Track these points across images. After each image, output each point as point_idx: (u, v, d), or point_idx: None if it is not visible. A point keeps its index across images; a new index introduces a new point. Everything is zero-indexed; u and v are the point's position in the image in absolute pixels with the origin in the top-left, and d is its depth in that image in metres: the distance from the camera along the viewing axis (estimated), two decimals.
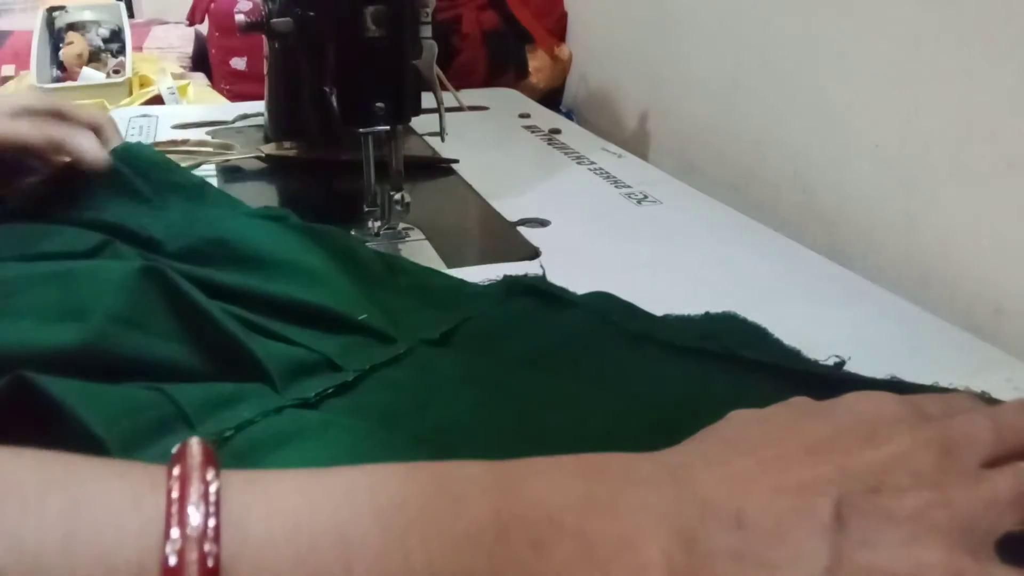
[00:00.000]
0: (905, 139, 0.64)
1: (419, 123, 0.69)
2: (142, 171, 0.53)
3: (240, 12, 1.21)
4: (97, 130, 0.53)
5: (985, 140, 0.57)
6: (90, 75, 1.34)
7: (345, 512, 0.22)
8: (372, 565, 0.22)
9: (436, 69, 0.61)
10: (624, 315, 0.47)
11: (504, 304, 0.50)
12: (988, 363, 0.47)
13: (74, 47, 1.38)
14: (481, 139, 0.90)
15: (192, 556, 0.20)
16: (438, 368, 0.43)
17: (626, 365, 0.44)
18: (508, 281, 0.51)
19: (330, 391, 0.39)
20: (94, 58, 1.40)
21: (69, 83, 1.33)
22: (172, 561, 0.20)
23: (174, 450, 0.23)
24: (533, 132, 0.94)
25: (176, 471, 0.22)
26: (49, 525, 0.20)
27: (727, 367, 0.43)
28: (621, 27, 1.11)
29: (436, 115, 0.63)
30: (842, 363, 0.44)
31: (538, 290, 0.50)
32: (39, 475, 0.21)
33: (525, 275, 0.52)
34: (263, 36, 0.64)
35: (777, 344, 0.45)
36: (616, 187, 0.75)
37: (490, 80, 1.20)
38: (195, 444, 0.23)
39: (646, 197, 0.72)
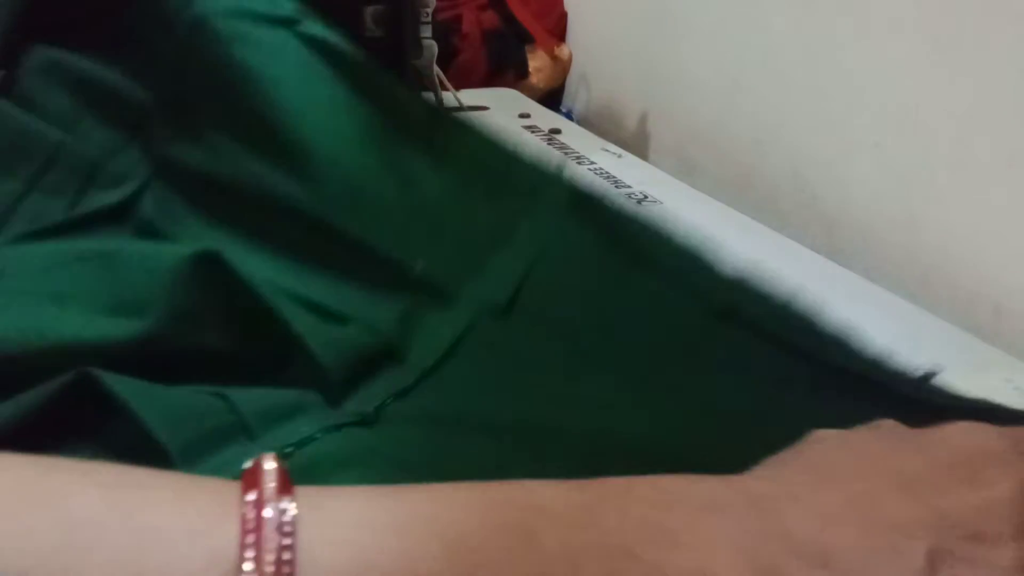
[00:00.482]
0: (905, 139, 0.64)
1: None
2: None
3: None
4: None
5: (985, 139, 0.57)
6: None
7: (413, 548, 0.21)
8: None
9: (436, 69, 0.61)
10: (708, 275, 0.42)
11: (565, 234, 0.45)
12: (988, 363, 0.47)
13: None
14: None
15: None
16: (500, 355, 0.40)
17: (705, 351, 0.40)
18: (571, 191, 0.46)
19: (389, 401, 0.37)
20: None
21: None
22: None
23: (247, 465, 0.22)
24: (533, 132, 0.93)
25: (251, 497, 0.21)
26: (117, 562, 0.19)
27: (810, 367, 0.38)
28: (621, 27, 1.11)
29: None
30: (932, 374, 0.39)
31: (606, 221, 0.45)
32: (109, 508, 0.20)
33: (594, 193, 0.47)
34: None
35: (863, 349, 0.40)
36: (616, 187, 0.75)
37: (490, 80, 1.20)
38: (269, 465, 0.22)
39: (646, 197, 0.72)
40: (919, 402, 0.32)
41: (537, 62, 1.22)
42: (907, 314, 0.53)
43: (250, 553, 0.19)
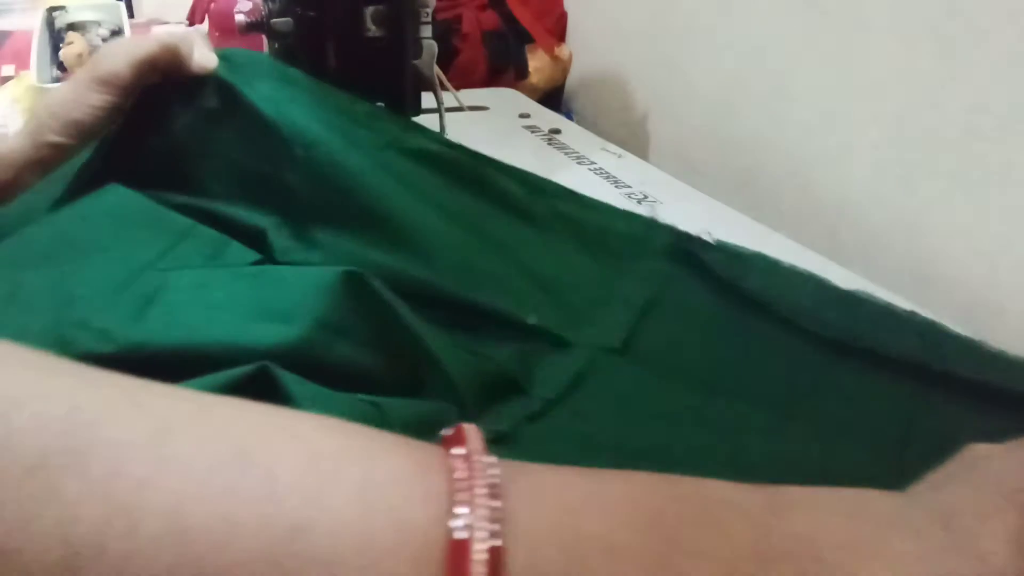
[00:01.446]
0: (905, 139, 0.64)
1: (419, 123, 0.69)
2: (247, 77, 0.49)
3: (240, 12, 1.21)
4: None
5: (985, 140, 0.57)
6: None
7: (610, 520, 0.22)
8: None
9: (436, 69, 0.61)
10: (817, 314, 0.43)
11: (672, 281, 0.47)
12: None
13: (74, 47, 1.38)
14: (481, 139, 0.89)
15: (480, 534, 0.20)
16: (622, 387, 0.41)
17: (825, 384, 0.40)
18: (673, 240, 0.48)
19: (522, 423, 0.39)
20: None
21: None
22: (461, 535, 0.20)
23: (448, 432, 0.23)
24: (533, 132, 0.93)
25: (459, 451, 0.22)
26: (350, 491, 0.20)
27: (941, 386, 0.38)
28: (621, 27, 1.11)
29: (436, 115, 0.63)
30: None
31: (706, 268, 0.47)
32: (341, 447, 0.22)
33: (695, 237, 0.49)
34: (263, 36, 0.64)
35: (990, 360, 0.40)
36: (616, 187, 0.75)
37: (490, 80, 1.20)
38: (472, 428, 0.23)
39: (646, 197, 0.72)
40: None
41: (537, 62, 1.22)
42: None
43: (464, 499, 0.21)
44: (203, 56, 0.48)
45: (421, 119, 0.62)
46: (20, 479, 0.18)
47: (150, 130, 0.48)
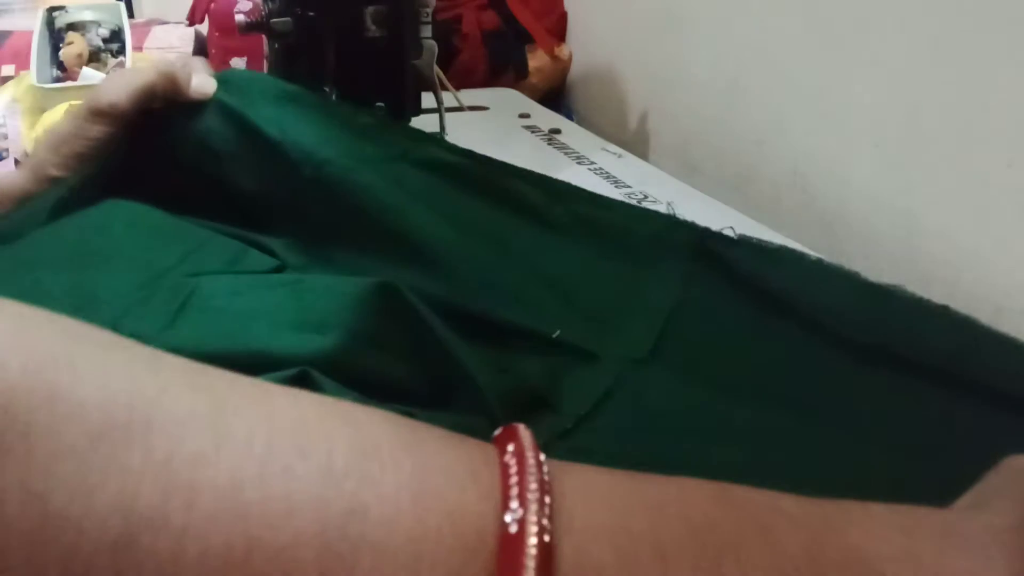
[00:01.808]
0: (905, 139, 0.64)
1: (419, 123, 0.69)
2: (250, 101, 0.48)
3: (240, 12, 1.21)
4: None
5: (985, 140, 0.57)
6: (90, 75, 1.34)
7: (660, 522, 0.22)
8: None
9: (436, 69, 0.61)
10: (846, 313, 0.41)
11: (696, 281, 0.46)
12: None
13: (74, 47, 1.38)
14: (481, 139, 0.89)
15: (532, 529, 0.20)
16: (652, 400, 0.41)
17: (857, 389, 0.39)
18: (695, 238, 0.47)
19: (552, 440, 0.38)
20: (94, 58, 1.40)
21: (69, 83, 1.33)
22: (513, 529, 0.20)
23: (498, 431, 0.24)
24: (533, 132, 0.93)
25: (511, 448, 0.22)
26: (405, 480, 0.20)
27: (978, 390, 0.37)
28: (621, 27, 1.11)
29: (436, 115, 0.63)
30: None
31: (731, 269, 0.45)
32: (395, 437, 0.22)
33: (718, 233, 0.48)
34: (263, 36, 0.64)
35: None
36: (616, 187, 0.75)
37: (490, 80, 1.20)
38: (523, 428, 0.23)
39: (646, 197, 0.72)
40: None
41: (537, 62, 1.22)
42: None
43: (515, 493, 0.21)
44: (202, 82, 0.48)
45: (421, 119, 0.62)
46: (85, 449, 0.18)
47: (152, 157, 0.47)
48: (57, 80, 1.36)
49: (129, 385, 0.20)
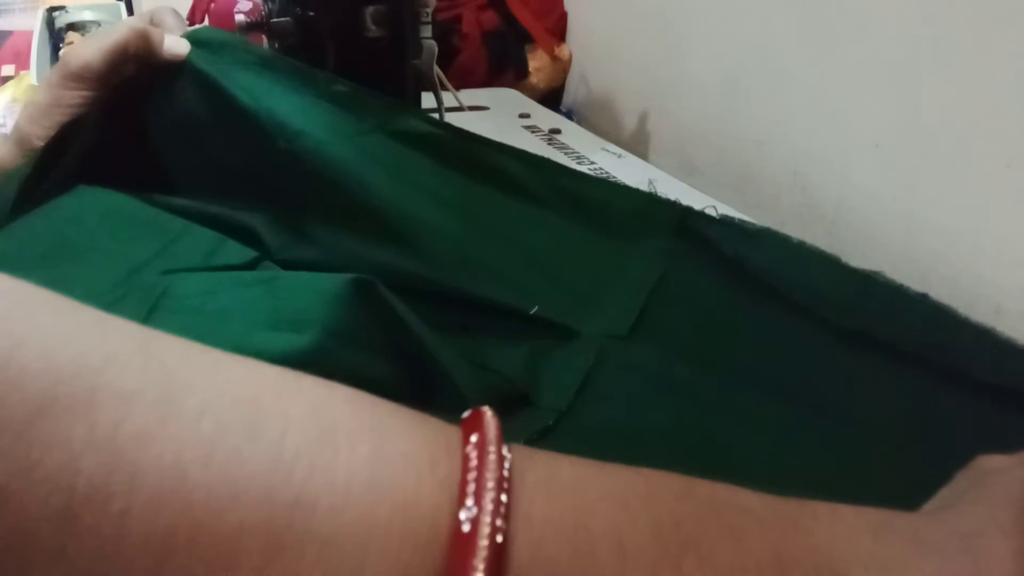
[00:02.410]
0: (905, 139, 0.64)
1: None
2: (218, 59, 0.47)
3: (240, 12, 1.21)
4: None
5: (985, 140, 0.57)
6: None
7: (622, 519, 0.21)
8: None
9: (436, 69, 0.61)
10: (826, 296, 0.41)
11: (678, 259, 0.45)
12: None
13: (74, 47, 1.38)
14: None
15: (485, 530, 0.19)
16: (632, 384, 0.40)
17: (835, 373, 0.39)
18: (678, 216, 0.47)
19: (534, 438, 0.38)
20: None
21: None
22: (466, 528, 0.19)
23: (466, 414, 0.23)
24: (533, 132, 0.93)
25: (474, 439, 0.22)
26: (358, 467, 0.20)
27: (953, 385, 0.37)
28: (621, 27, 1.11)
29: (436, 115, 0.63)
30: None
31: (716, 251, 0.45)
32: (354, 418, 0.21)
33: (700, 212, 0.47)
34: (263, 36, 0.64)
35: (1006, 349, 0.37)
36: None
37: (490, 80, 1.20)
38: (489, 414, 0.22)
39: None
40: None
41: (537, 62, 1.22)
42: None
43: (472, 491, 0.20)
44: (174, 43, 0.47)
45: None
46: (27, 422, 0.17)
47: (128, 133, 0.46)
48: None
49: (74, 353, 0.19)
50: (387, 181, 0.46)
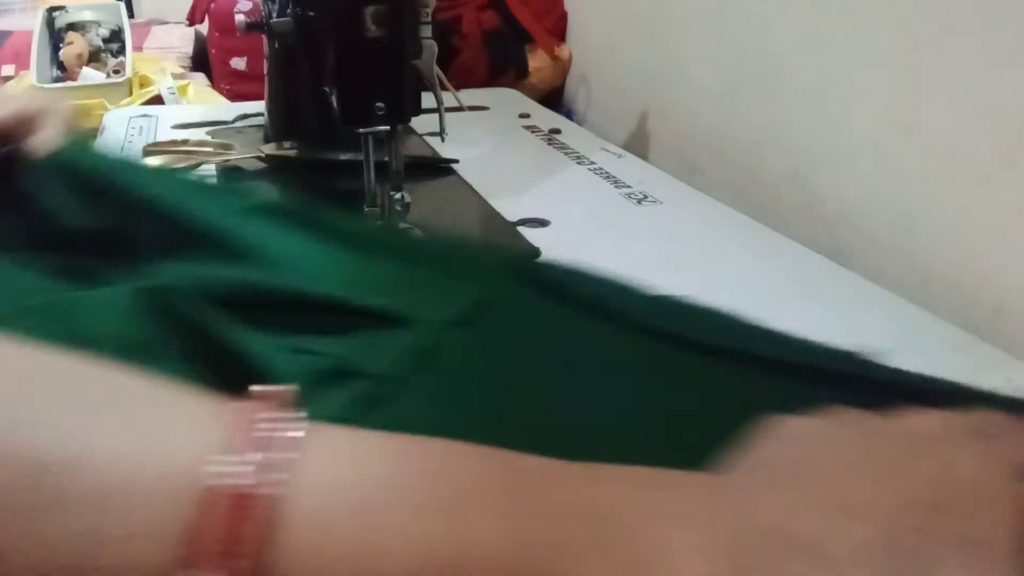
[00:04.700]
0: (905, 139, 0.64)
1: (419, 123, 0.69)
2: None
3: (240, 12, 1.21)
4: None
5: (985, 140, 0.57)
6: (90, 75, 1.34)
7: (405, 475, 0.23)
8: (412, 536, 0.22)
9: (436, 69, 0.61)
10: (637, 310, 0.44)
11: (508, 289, 0.47)
12: (987, 363, 0.47)
13: (74, 47, 1.38)
14: (481, 139, 0.90)
15: (244, 482, 0.21)
16: (467, 365, 0.41)
17: (634, 365, 0.41)
18: (516, 264, 0.49)
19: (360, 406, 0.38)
20: (94, 58, 1.40)
21: (69, 83, 1.33)
22: (212, 482, 0.21)
23: (257, 388, 0.24)
24: (533, 132, 0.94)
25: (248, 407, 0.23)
26: (115, 429, 0.22)
27: (746, 368, 0.39)
28: (621, 27, 1.11)
29: (436, 115, 0.63)
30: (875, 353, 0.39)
31: (544, 283, 0.47)
32: (119, 386, 0.23)
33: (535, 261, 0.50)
34: (263, 36, 0.65)
35: (791, 339, 0.41)
36: (616, 187, 0.75)
37: (490, 80, 1.20)
38: (282, 389, 0.24)
39: (646, 197, 0.72)
40: (876, 385, 0.33)
41: (537, 62, 1.22)
42: (907, 314, 0.53)
43: (237, 445, 0.21)
44: (48, 139, 0.50)
45: (421, 119, 0.62)
46: None
47: None
48: (57, 80, 1.36)
49: None
50: (230, 219, 0.48)
